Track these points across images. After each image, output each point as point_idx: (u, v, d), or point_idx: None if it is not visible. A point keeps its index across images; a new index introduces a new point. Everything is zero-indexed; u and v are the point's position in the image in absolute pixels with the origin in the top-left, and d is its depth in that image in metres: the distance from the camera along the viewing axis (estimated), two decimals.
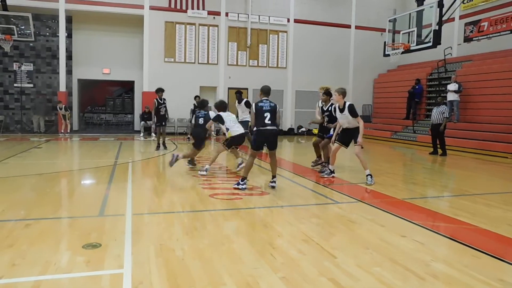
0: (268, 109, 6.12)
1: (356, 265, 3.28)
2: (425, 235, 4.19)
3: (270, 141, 6.26)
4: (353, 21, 20.02)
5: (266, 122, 6.08)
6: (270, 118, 6.10)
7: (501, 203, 5.72)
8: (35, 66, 17.32)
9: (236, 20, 18.40)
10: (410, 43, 13.64)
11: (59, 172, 7.89)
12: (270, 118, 6.11)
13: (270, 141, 6.26)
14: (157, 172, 8.72)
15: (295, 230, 4.21)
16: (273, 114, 6.15)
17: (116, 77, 18.73)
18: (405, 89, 16.96)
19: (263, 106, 6.15)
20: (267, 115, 6.09)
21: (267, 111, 6.11)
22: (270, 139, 6.24)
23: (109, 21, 17.62)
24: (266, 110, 6.11)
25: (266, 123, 6.09)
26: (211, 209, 5.11)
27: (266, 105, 6.16)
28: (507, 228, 4.43)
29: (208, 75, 18.24)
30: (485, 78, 14.19)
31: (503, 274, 3.18)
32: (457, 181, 8.28)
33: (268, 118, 6.09)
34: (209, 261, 3.31)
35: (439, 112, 11.27)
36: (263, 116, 6.09)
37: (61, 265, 3.15)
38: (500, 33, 15.49)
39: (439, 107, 11.38)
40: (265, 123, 6.09)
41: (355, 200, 5.69)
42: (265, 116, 6.09)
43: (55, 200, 5.64)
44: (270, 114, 6.10)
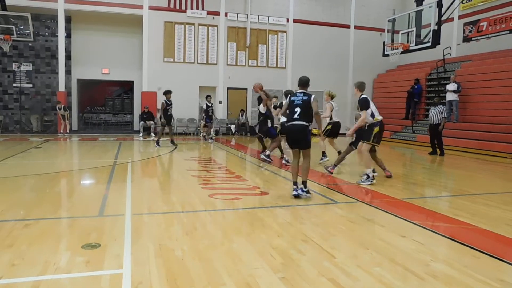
0: (299, 103, 5.59)
1: (355, 265, 3.28)
2: (425, 235, 4.19)
3: (296, 138, 5.65)
4: (353, 21, 20.04)
5: (295, 117, 5.56)
6: (300, 113, 5.54)
7: (501, 203, 5.72)
8: (34, 66, 17.31)
9: (235, 20, 18.41)
10: (409, 43, 13.66)
11: (58, 172, 7.88)
12: (300, 113, 5.54)
13: (297, 138, 5.64)
14: (156, 172, 8.72)
15: (294, 230, 4.21)
16: (304, 109, 5.55)
17: (115, 77, 18.72)
18: (404, 89, 16.98)
19: (295, 100, 5.66)
20: (297, 110, 5.57)
21: (298, 105, 5.59)
22: (296, 136, 5.63)
23: (108, 21, 17.62)
24: (297, 105, 5.60)
25: (294, 118, 5.57)
26: (211, 209, 5.11)
27: (298, 98, 5.63)
28: (506, 228, 4.44)
29: (208, 75, 18.24)
30: (484, 78, 14.21)
31: (502, 274, 3.18)
32: (457, 181, 8.28)
33: (297, 113, 5.55)
34: (208, 261, 3.31)
35: (437, 112, 11.32)
36: (293, 111, 5.61)
37: (61, 265, 3.14)
38: (499, 33, 15.50)
39: (436, 107, 11.44)
40: (293, 118, 5.58)
41: (354, 200, 5.69)
42: (295, 111, 5.59)
43: (54, 200, 5.64)
44: (300, 109, 5.55)
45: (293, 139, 5.70)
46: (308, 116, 5.55)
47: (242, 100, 18.78)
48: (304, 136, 5.56)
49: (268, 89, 18.03)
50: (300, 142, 5.62)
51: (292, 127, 5.60)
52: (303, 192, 5.60)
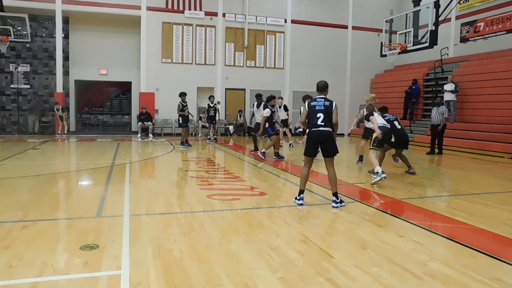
0: (321, 108, 5.29)
1: (354, 265, 3.28)
2: (423, 235, 4.20)
3: (323, 145, 5.32)
4: (350, 21, 20.06)
5: (319, 123, 5.26)
6: (323, 119, 5.26)
7: (498, 203, 5.74)
8: (32, 67, 17.27)
9: (233, 20, 18.41)
10: (407, 44, 13.66)
11: (56, 173, 7.87)
12: (324, 119, 5.27)
13: (324, 145, 5.32)
14: (154, 172, 8.71)
15: (293, 231, 4.22)
16: (327, 115, 5.28)
17: (113, 78, 18.70)
18: (402, 89, 17.01)
19: (315, 105, 5.36)
20: (320, 116, 5.27)
21: (320, 111, 5.29)
22: (322, 142, 5.30)
23: (106, 22, 17.59)
24: (319, 110, 5.30)
25: (319, 124, 5.27)
26: (209, 210, 5.11)
27: (320, 104, 5.34)
28: (504, 228, 4.45)
29: (206, 76, 18.23)
30: (482, 78, 14.25)
31: (500, 274, 3.19)
32: (454, 181, 8.30)
33: (321, 119, 5.26)
34: (207, 261, 3.31)
35: (439, 113, 11.44)
36: (315, 117, 5.31)
37: (59, 267, 3.14)
38: (496, 34, 15.55)
39: (439, 108, 11.52)
40: (317, 124, 5.27)
41: (352, 200, 5.69)
42: (317, 117, 5.29)
43: (52, 201, 5.63)
44: (323, 115, 5.27)
45: (317, 145, 5.36)
46: (331, 122, 5.30)
47: (240, 101, 18.78)
48: (331, 143, 5.30)
49: (266, 90, 18.14)
50: (327, 149, 5.32)
51: (318, 133, 5.28)
52: (336, 204, 5.26)
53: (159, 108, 17.59)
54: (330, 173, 5.32)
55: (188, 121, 12.88)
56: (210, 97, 14.32)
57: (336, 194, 5.28)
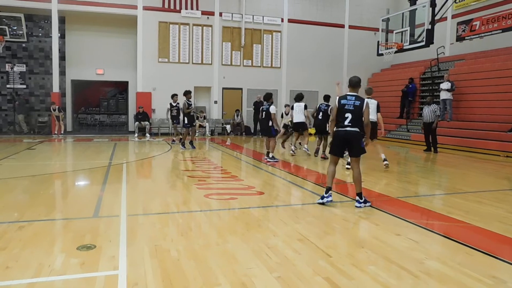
0: (351, 108, 5.13)
1: (351, 264, 3.30)
2: (419, 233, 4.22)
3: (349, 144, 5.24)
4: (347, 20, 20.09)
5: (346, 123, 5.13)
6: (351, 119, 5.12)
7: (493, 201, 5.77)
8: (28, 67, 17.20)
9: (230, 20, 18.40)
10: (403, 43, 13.72)
11: (52, 174, 7.85)
12: (352, 119, 5.12)
13: (350, 144, 5.23)
14: (151, 172, 8.70)
15: (290, 230, 4.22)
16: (357, 115, 5.12)
17: (109, 77, 18.65)
18: (398, 88, 17.05)
19: (345, 104, 5.17)
20: (348, 116, 5.13)
21: (349, 111, 5.14)
22: (349, 142, 5.21)
23: (103, 21, 17.54)
24: (348, 110, 5.14)
25: (346, 124, 5.14)
26: (206, 209, 5.11)
27: (350, 103, 5.15)
28: (498, 225, 4.48)
29: (203, 75, 18.22)
30: (478, 77, 14.31)
31: (495, 271, 3.21)
32: (450, 179, 8.34)
33: (349, 119, 5.12)
34: (204, 261, 3.31)
35: (431, 111, 11.59)
36: (344, 117, 5.16)
37: (55, 267, 3.13)
38: (491, 32, 15.61)
39: (430, 106, 11.70)
40: (344, 124, 5.14)
41: (350, 199, 5.71)
42: (346, 117, 5.14)
43: (48, 201, 5.61)
44: (352, 115, 5.12)
45: (343, 145, 5.29)
46: (361, 122, 5.16)
47: (237, 100, 18.79)
48: (358, 143, 5.23)
49: (263, 89, 18.13)
50: (352, 148, 5.26)
51: (344, 134, 5.16)
52: (360, 204, 5.17)
53: (156, 108, 17.56)
54: (354, 173, 5.27)
55: (194, 122, 12.22)
56: (174, 96, 13.29)
57: (360, 194, 5.21)
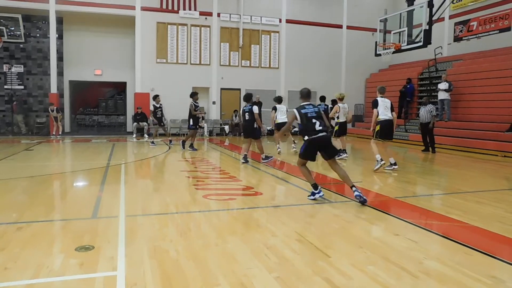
0: (314, 115, 5.43)
1: (350, 264, 3.30)
2: (418, 233, 4.22)
3: (325, 148, 5.47)
4: (345, 21, 20.13)
5: (317, 129, 5.35)
6: (319, 124, 5.39)
7: (492, 201, 5.78)
8: (26, 68, 17.16)
9: (228, 20, 18.40)
10: (401, 43, 13.73)
11: (51, 175, 7.83)
12: (321, 124, 5.41)
13: (326, 148, 5.47)
14: (150, 173, 8.69)
15: (289, 230, 4.22)
16: (322, 119, 5.47)
17: (108, 78, 18.63)
18: (396, 88, 17.07)
19: (307, 112, 5.45)
20: (316, 122, 5.38)
21: (314, 117, 5.41)
22: (324, 147, 5.45)
23: (101, 22, 17.52)
24: (313, 117, 5.41)
25: (318, 130, 5.36)
26: (205, 210, 5.11)
27: (310, 110, 5.46)
28: (498, 225, 4.48)
29: (201, 76, 18.21)
30: (475, 77, 14.34)
31: (494, 271, 3.22)
32: (449, 179, 8.36)
33: (318, 125, 5.38)
34: (203, 261, 3.31)
35: (427, 111, 11.71)
36: (312, 122, 5.38)
37: (54, 268, 3.13)
38: (489, 33, 15.66)
39: (426, 107, 11.84)
40: (316, 130, 5.36)
41: (348, 200, 5.71)
42: (313, 122, 5.37)
43: (47, 202, 5.59)
44: (318, 120, 5.41)
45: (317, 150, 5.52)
46: (325, 125, 5.53)
47: (235, 101, 18.78)
48: (331, 145, 5.54)
49: (262, 90, 18.15)
50: (327, 151, 5.48)
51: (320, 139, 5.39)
52: (359, 192, 5.31)
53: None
54: (340, 172, 5.52)
55: (198, 123, 11.98)
56: (156, 97, 13.15)
57: (354, 186, 5.38)
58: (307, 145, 5.47)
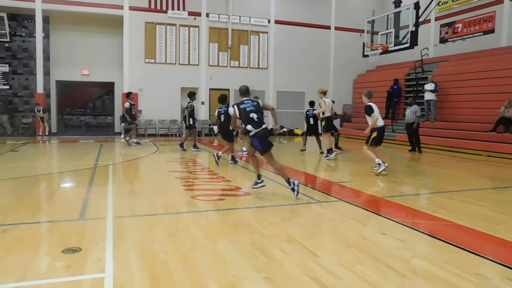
0: (252, 109, 5.69)
1: (338, 263, 3.32)
2: (405, 232, 4.28)
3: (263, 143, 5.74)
4: (333, 22, 20.26)
5: (259, 123, 5.66)
6: (257, 117, 5.66)
7: (477, 199, 5.88)
8: (11, 68, 16.89)
9: (217, 21, 18.37)
10: (388, 44, 13.89)
11: (37, 176, 7.71)
12: (259, 117, 5.67)
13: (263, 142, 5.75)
14: (138, 174, 8.62)
15: (278, 230, 4.24)
16: (261, 113, 5.72)
17: (95, 78, 18.44)
18: (384, 89, 17.23)
19: (245, 107, 5.70)
20: (253, 116, 5.65)
21: (252, 111, 5.68)
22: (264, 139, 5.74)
23: (88, 21, 17.32)
24: (251, 111, 5.68)
25: (259, 123, 5.65)
26: (194, 211, 5.09)
27: (248, 105, 5.73)
28: (482, 224, 4.57)
29: (189, 76, 18.15)
30: (461, 78, 14.57)
31: (479, 268, 3.28)
32: (435, 178, 8.48)
33: (256, 117, 5.66)
34: (192, 263, 3.30)
35: (412, 112, 11.97)
36: (250, 118, 5.65)
37: (40, 271, 3.09)
38: (473, 35, 15.95)
39: (411, 107, 12.09)
40: (258, 123, 5.64)
41: (336, 199, 5.75)
42: (251, 117, 5.66)
43: (33, 204, 5.50)
44: (256, 114, 5.66)
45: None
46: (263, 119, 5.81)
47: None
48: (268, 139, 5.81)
49: (251, 90, 18.08)
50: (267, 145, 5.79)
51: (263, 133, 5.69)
52: (294, 185, 5.53)
53: (142, 109, 17.42)
54: (276, 165, 5.77)
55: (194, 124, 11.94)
56: (130, 94, 13.00)
57: (289, 180, 5.57)
58: (258, 139, 5.67)
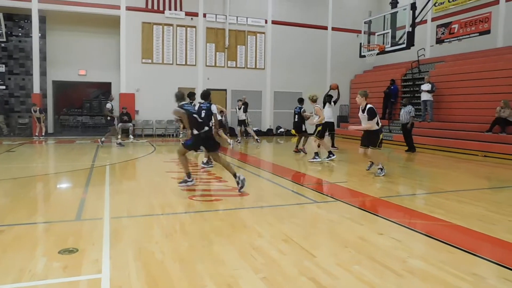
0: (194, 112, 6.30)
1: (335, 263, 3.33)
2: (402, 232, 4.29)
3: (207, 143, 6.40)
4: (330, 22, 20.29)
5: (203, 125, 6.22)
6: (204, 120, 6.32)
7: (473, 199, 5.91)
8: (8, 68, 16.80)
9: (214, 21, 18.36)
10: (385, 45, 13.91)
11: (34, 176, 7.68)
12: (202, 119, 6.35)
13: (207, 143, 6.39)
14: (135, 174, 8.61)
15: (275, 230, 4.24)
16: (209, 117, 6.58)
17: (92, 78, 18.37)
18: (381, 89, 17.29)
19: (189, 109, 6.23)
20: (196, 117, 6.20)
21: (195, 112, 6.28)
22: (207, 141, 6.35)
23: (85, 21, 17.25)
24: (194, 112, 6.25)
25: (204, 126, 6.18)
26: (191, 211, 5.09)
27: (190, 107, 6.28)
28: (478, 224, 4.59)
29: (187, 77, 18.11)
30: (457, 79, 14.63)
31: (475, 268, 3.30)
32: (432, 179, 8.50)
33: (199, 119, 6.24)
34: (189, 263, 3.30)
35: (406, 112, 12.06)
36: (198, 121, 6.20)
37: (37, 272, 3.08)
38: (469, 35, 16.02)
39: (405, 108, 12.16)
40: (203, 126, 6.20)
41: (333, 200, 5.76)
42: (195, 117, 6.19)
43: (30, 205, 5.49)
44: (199, 116, 6.29)
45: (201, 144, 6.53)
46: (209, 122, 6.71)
47: (221, 102, 18.70)
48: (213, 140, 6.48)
49: (248, 91, 18.18)
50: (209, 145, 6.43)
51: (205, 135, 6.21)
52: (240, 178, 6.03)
53: (139, 109, 17.38)
54: (223, 161, 6.33)
55: None
56: (110, 95, 13.20)
57: (235, 174, 6.09)
58: (194, 139, 6.15)
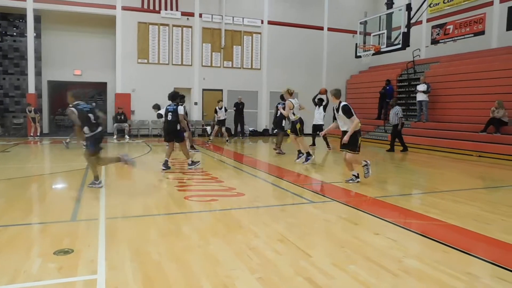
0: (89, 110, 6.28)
1: (331, 263, 3.34)
2: (398, 232, 4.31)
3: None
4: (326, 23, 20.34)
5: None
6: (95, 118, 6.33)
7: (468, 199, 5.94)
8: (2, 67, 16.71)
9: (210, 21, 18.35)
10: (381, 45, 13.97)
11: (29, 177, 7.64)
12: (95, 118, 6.38)
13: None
14: (131, 175, 8.57)
15: (271, 231, 4.25)
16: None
17: (88, 78, 18.28)
18: (376, 89, 17.35)
19: (83, 107, 6.22)
20: (91, 116, 6.28)
21: (89, 111, 6.32)
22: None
23: (80, 21, 17.19)
24: (88, 111, 6.27)
25: (95, 125, 6.27)
26: (187, 211, 5.08)
27: (85, 106, 6.26)
28: (473, 223, 4.62)
29: (183, 77, 18.10)
30: (452, 79, 14.71)
31: (470, 268, 3.32)
32: (427, 178, 8.55)
33: (93, 119, 6.27)
34: (185, 263, 3.30)
35: (394, 113, 12.18)
36: (88, 116, 6.25)
37: (32, 273, 3.06)
38: (464, 36, 16.12)
39: (393, 109, 12.26)
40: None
41: (329, 200, 5.78)
42: (89, 116, 6.23)
43: (24, 205, 5.46)
44: (93, 115, 6.34)
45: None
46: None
47: (217, 102, 18.70)
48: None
49: (244, 91, 18.18)
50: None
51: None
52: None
53: (135, 109, 17.34)
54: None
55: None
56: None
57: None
58: (93, 142, 6.23)
